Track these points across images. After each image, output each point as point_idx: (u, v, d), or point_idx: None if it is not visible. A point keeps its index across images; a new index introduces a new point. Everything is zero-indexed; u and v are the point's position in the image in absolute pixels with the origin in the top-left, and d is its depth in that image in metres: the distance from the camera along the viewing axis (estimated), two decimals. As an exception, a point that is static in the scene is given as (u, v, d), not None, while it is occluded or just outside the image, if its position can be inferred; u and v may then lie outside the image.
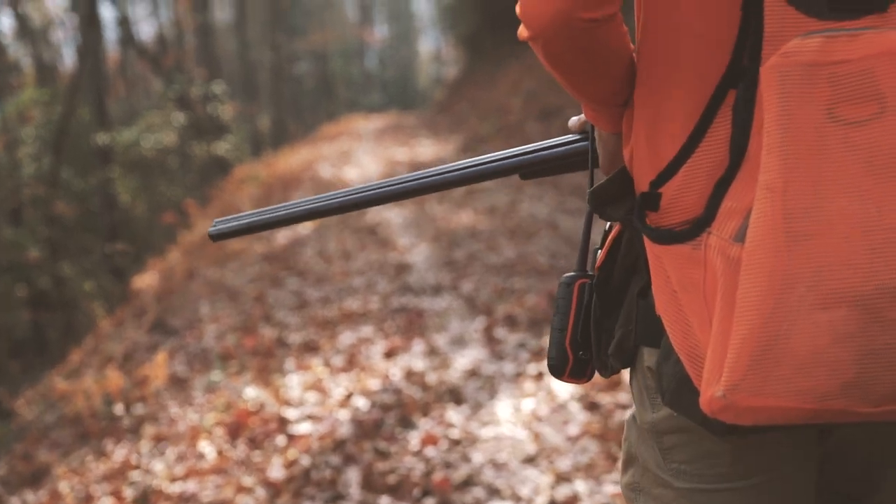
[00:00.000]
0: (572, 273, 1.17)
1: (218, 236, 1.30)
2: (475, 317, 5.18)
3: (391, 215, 9.54)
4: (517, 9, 1.02)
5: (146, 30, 28.63)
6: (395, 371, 4.37)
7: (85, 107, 15.56)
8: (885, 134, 0.86)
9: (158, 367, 4.73)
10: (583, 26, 0.97)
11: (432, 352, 4.62)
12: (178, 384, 5.20)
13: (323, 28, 36.92)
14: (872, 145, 0.86)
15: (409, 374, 4.29)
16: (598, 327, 1.13)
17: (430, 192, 1.27)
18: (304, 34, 35.34)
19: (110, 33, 22.38)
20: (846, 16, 0.92)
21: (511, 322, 4.87)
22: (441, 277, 6.44)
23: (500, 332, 4.74)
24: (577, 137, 1.24)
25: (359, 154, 15.83)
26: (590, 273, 1.17)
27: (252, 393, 4.44)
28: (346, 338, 5.04)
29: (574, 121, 1.24)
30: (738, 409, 0.86)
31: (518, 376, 4.09)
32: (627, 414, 1.23)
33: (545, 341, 4.41)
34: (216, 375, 4.81)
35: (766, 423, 0.88)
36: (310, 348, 4.92)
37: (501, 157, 1.26)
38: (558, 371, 1.17)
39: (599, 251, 1.16)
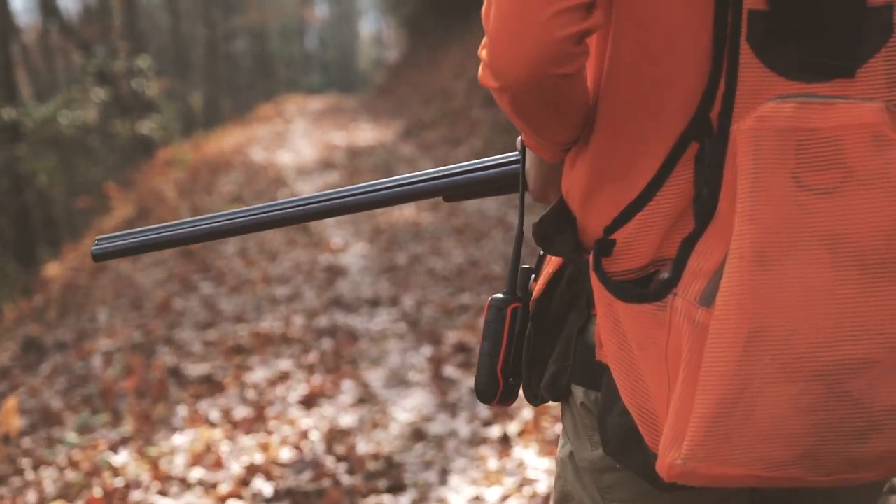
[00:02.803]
0: (502, 296, 1.14)
1: (101, 256, 1.21)
2: (419, 345, 4.26)
3: (325, 207, 8.62)
4: (483, 55, 0.99)
5: (72, 3, 27.11)
6: (315, 431, 3.38)
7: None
8: (849, 204, 0.87)
9: (8, 415, 3.71)
10: (553, 81, 0.95)
11: (365, 398, 3.67)
12: (48, 420, 4.18)
13: (262, 5, 35.72)
14: (837, 215, 0.87)
15: (333, 436, 3.30)
16: (531, 357, 1.11)
17: (344, 213, 1.21)
18: (242, 11, 34.10)
19: (29, 2, 20.94)
20: (815, 77, 0.93)
21: (463, 353, 3.97)
22: (379, 288, 5.51)
23: (450, 369, 3.82)
24: (509, 159, 1.19)
25: (295, 137, 14.99)
26: (519, 296, 1.14)
27: (122, 459, 3.39)
28: (258, 373, 4.05)
29: (520, 138, 1.18)
30: (695, 475, 0.88)
31: (476, 441, 3.16)
32: (559, 451, 1.14)
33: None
34: (77, 432, 3.75)
35: (715, 485, 0.91)
36: (211, 387, 3.91)
37: (425, 177, 1.19)
38: (487, 397, 1.14)
39: (534, 277, 1.15)
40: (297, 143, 14.21)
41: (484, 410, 3.36)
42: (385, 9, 29.02)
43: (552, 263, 1.11)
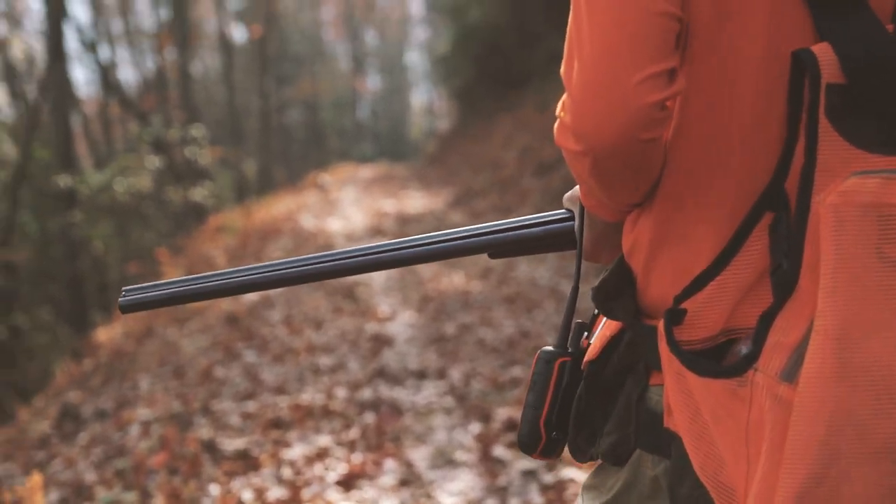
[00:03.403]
0: (552, 349, 1.12)
1: (128, 307, 1.17)
2: (467, 421, 4.01)
3: (373, 274, 8.48)
4: (564, 117, 0.97)
5: (131, 74, 27.83)
6: (354, 516, 3.14)
7: (48, 147, 14.37)
8: None
9: (33, 492, 3.52)
10: (640, 147, 0.94)
11: (408, 479, 3.42)
12: (80, 494, 3.99)
13: (314, 77, 36.42)
14: None
15: (374, 523, 3.06)
16: (580, 417, 1.10)
17: (387, 267, 1.18)
18: (295, 83, 34.78)
19: (86, 74, 21.52)
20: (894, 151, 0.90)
21: (513, 432, 3.71)
22: (426, 359, 5.29)
23: (500, 449, 3.56)
24: (558, 216, 1.17)
25: (345, 204, 14.96)
26: (570, 351, 1.13)
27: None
28: (296, 450, 3.82)
29: (569, 196, 1.18)
30: None
31: (529, 530, 2.89)
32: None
33: (564, 472, 3.23)
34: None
35: None
36: (246, 464, 3.69)
37: (471, 232, 1.16)
38: (529, 448, 1.13)
39: (586, 335, 1.14)
40: (347, 209, 14.20)
41: (537, 497, 3.09)
42: (436, 80, 29.38)
43: (610, 327, 1.09)
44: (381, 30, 42.88)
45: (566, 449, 1.13)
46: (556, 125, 1.00)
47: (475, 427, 3.92)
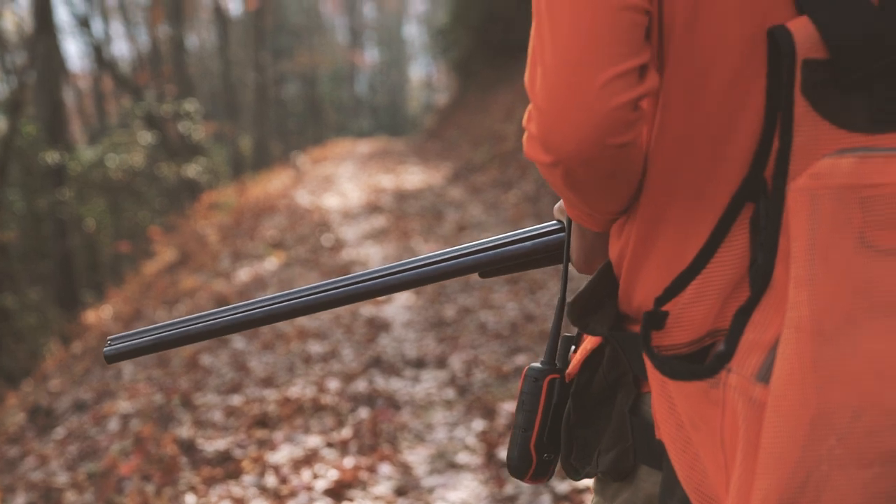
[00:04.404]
0: (539, 366, 1.07)
1: (114, 357, 1.16)
2: (470, 417, 3.68)
3: (371, 252, 8.20)
4: (531, 127, 0.91)
5: (125, 49, 27.37)
6: (345, 532, 2.80)
7: (36, 123, 13.95)
8: None
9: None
10: (612, 152, 0.87)
11: (405, 487, 3.08)
12: (48, 501, 3.66)
13: (311, 51, 35.93)
14: None
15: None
16: (571, 433, 1.05)
17: (373, 297, 1.13)
18: (292, 56, 34.29)
19: (79, 48, 21.11)
20: (879, 128, 0.84)
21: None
22: (425, 346, 4.95)
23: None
24: (548, 228, 1.13)
25: (342, 180, 14.60)
26: (559, 367, 1.08)
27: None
28: (282, 452, 3.48)
29: (559, 206, 1.13)
30: None
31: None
32: None
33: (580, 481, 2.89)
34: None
35: None
36: (226, 469, 3.34)
37: (458, 253, 1.13)
38: (519, 473, 1.08)
39: (574, 348, 1.08)
40: (344, 186, 13.84)
41: (550, 509, 2.76)
42: (435, 53, 28.98)
43: (591, 340, 1.05)
44: (380, 2, 42.33)
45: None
46: (524, 137, 0.93)
47: (478, 424, 3.59)
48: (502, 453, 3.20)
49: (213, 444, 3.57)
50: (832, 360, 0.78)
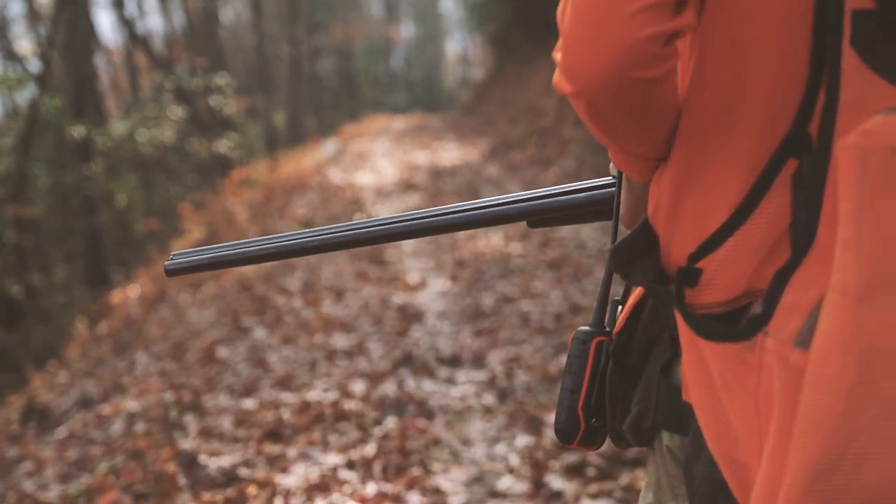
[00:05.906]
0: (588, 328, 1.06)
1: (174, 271, 1.19)
2: (513, 429, 3.20)
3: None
4: (557, 57, 0.90)
5: (159, 23, 27.09)
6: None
7: (62, 96, 13.59)
8: None
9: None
10: (636, 86, 0.85)
11: (437, 523, 2.61)
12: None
13: (347, 25, 35.48)
14: None
15: None
16: (614, 396, 1.03)
17: (421, 235, 1.15)
18: (327, 30, 33.87)
19: (112, 20, 20.85)
20: None
21: (572, 451, 2.89)
22: (461, 341, 4.48)
23: (559, 479, 2.72)
24: (602, 182, 1.10)
25: (377, 157, 14.16)
26: (608, 330, 1.06)
27: None
28: (296, 473, 3.01)
29: None
30: None
31: None
32: (642, 498, 1.01)
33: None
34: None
35: None
36: (230, 493, 2.89)
37: (508, 200, 1.12)
38: (567, 437, 1.05)
39: (621, 308, 1.06)
40: (378, 162, 13.40)
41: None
42: (471, 26, 28.45)
43: (635, 294, 1.03)
44: (415, -25, 41.74)
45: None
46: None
47: (522, 439, 3.11)
48: (553, 481, 2.72)
49: (218, 461, 3.12)
50: (877, 327, 0.74)
